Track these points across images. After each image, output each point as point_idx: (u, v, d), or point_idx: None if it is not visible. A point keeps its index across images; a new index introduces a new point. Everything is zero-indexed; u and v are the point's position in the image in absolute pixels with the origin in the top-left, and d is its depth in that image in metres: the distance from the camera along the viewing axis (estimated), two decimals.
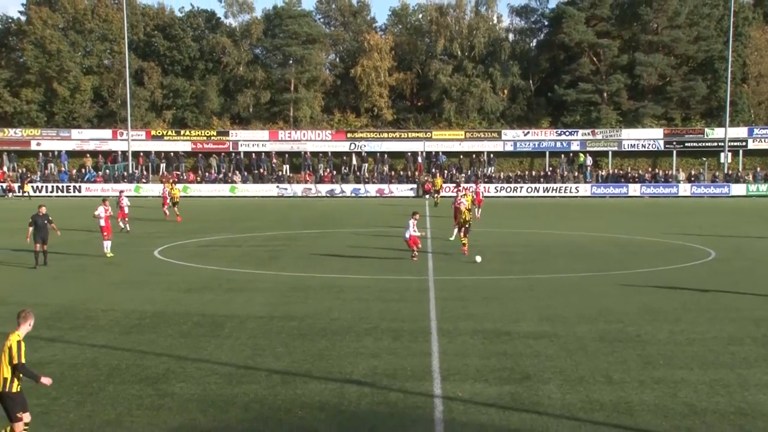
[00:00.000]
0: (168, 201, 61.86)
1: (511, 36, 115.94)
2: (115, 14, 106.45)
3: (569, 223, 59.14)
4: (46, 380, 13.73)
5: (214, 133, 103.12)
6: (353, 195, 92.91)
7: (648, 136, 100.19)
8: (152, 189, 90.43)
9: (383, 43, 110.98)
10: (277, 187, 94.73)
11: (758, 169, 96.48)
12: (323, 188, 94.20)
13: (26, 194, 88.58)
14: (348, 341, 22.42)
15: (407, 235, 36.05)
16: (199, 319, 25.44)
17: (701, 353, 21.36)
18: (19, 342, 13.25)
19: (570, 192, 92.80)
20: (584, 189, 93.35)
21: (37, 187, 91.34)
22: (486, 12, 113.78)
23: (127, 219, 52.45)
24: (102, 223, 39.42)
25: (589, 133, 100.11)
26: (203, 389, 18.27)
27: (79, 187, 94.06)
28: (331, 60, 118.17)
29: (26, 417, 13.38)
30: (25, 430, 13.27)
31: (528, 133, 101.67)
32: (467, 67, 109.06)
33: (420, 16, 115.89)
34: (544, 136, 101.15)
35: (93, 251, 42.10)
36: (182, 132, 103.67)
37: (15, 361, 13.04)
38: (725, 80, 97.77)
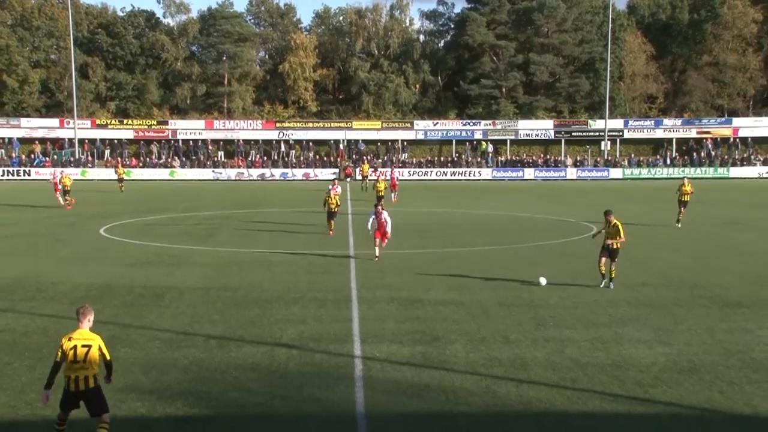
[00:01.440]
0: (60, 188, 55.74)
1: (421, 37, 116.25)
2: (60, 12, 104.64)
3: (474, 203, 59.61)
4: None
5: (155, 123, 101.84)
6: (282, 178, 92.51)
7: (540, 127, 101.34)
8: (97, 173, 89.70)
9: (308, 42, 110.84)
10: (213, 171, 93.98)
11: (632, 155, 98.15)
12: (255, 172, 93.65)
13: None
14: (278, 309, 22.41)
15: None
16: (142, 290, 25.19)
17: (584, 315, 21.76)
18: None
19: (474, 176, 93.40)
20: (486, 173, 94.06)
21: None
22: (399, 15, 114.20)
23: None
24: None
25: (490, 124, 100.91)
26: (146, 353, 18.14)
27: (29, 171, 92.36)
28: (261, 57, 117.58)
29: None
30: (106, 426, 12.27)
31: (437, 123, 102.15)
32: (383, 65, 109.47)
33: (341, 18, 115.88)
34: (451, 126, 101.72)
35: (42, 230, 41.41)
36: (125, 121, 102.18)
37: (109, 358, 12.36)
38: (605, 78, 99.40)
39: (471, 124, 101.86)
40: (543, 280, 25.14)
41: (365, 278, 27.35)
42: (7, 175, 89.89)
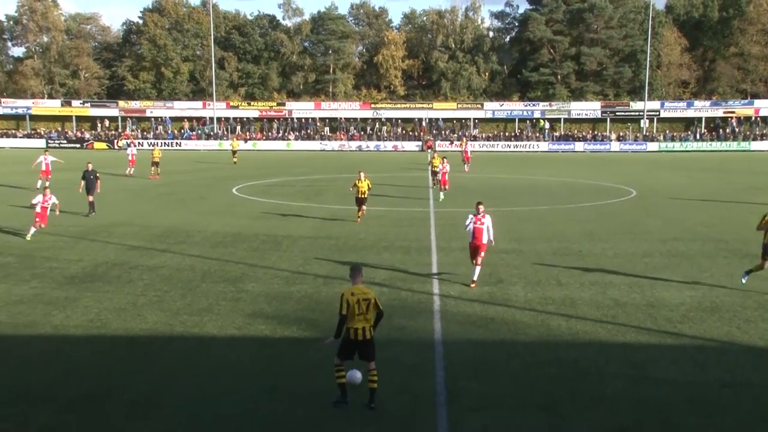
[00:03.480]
0: (151, 161, 50.00)
1: (491, 33, 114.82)
2: (204, 17, 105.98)
3: (532, 171, 58.99)
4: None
5: (275, 104, 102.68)
6: (375, 149, 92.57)
7: (589, 107, 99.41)
8: (229, 145, 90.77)
9: (397, 38, 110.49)
10: (320, 143, 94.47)
11: (667, 131, 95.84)
12: (353, 144, 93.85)
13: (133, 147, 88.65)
14: (372, 255, 22.63)
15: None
16: (265, 238, 25.69)
17: (623, 263, 21.50)
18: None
19: (533, 148, 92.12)
20: (543, 146, 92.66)
21: (151, 143, 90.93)
22: (473, 15, 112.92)
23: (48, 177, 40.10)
24: (38, 209, 25.50)
25: (547, 105, 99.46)
26: (268, 287, 18.53)
27: (180, 143, 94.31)
28: (359, 50, 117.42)
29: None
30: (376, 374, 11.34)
31: (503, 104, 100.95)
32: (459, 56, 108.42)
33: (425, 18, 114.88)
34: (514, 107, 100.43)
35: (189, 189, 42.33)
36: (252, 103, 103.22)
37: (381, 309, 11.48)
38: (645, 67, 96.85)
39: (531, 105, 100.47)
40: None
41: (442, 231, 27.42)
42: (163, 146, 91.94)
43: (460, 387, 12.03)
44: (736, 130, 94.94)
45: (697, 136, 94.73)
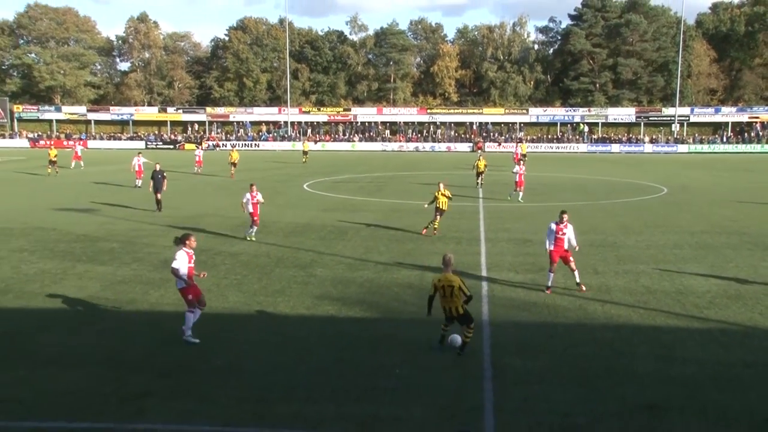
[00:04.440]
0: (229, 162, 49.41)
1: (536, 46, 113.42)
2: (281, 33, 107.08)
3: (572, 169, 58.12)
4: None
5: (342, 110, 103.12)
6: (431, 150, 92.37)
7: (625, 113, 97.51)
8: (300, 146, 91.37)
9: (452, 50, 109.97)
10: (382, 144, 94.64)
11: (696, 134, 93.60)
12: (411, 146, 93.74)
13: (219, 148, 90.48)
14: (426, 244, 22.56)
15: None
16: (332, 228, 25.82)
17: (655, 254, 21.05)
18: (462, 280, 12.28)
19: (573, 149, 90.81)
20: (582, 147, 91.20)
21: (233, 144, 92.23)
22: (519, 30, 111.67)
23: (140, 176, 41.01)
24: (250, 209, 23.59)
25: (586, 111, 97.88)
26: (334, 273, 18.62)
27: (258, 144, 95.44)
28: (417, 62, 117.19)
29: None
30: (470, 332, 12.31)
31: (546, 110, 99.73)
32: (506, 66, 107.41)
33: (476, 32, 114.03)
34: (557, 112, 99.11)
35: (266, 184, 42.79)
36: (321, 109, 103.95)
37: (467, 294, 12.19)
38: (676, 76, 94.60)
39: (572, 110, 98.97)
40: None
41: (490, 223, 27.22)
42: (243, 147, 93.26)
43: (504, 364, 11.93)
44: (761, 134, 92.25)
45: (724, 139, 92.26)
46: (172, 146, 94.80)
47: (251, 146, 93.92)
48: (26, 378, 11.35)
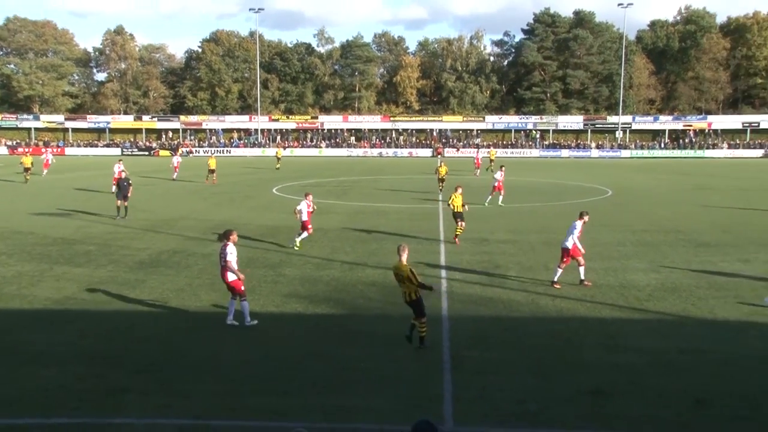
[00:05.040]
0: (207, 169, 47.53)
1: (491, 58, 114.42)
2: (251, 45, 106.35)
3: (525, 173, 58.59)
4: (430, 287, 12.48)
5: (310, 118, 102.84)
6: (393, 155, 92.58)
7: (574, 121, 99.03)
8: (272, 152, 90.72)
9: (413, 62, 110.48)
10: (347, 150, 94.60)
11: (637, 141, 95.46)
12: (375, 151, 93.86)
13: (192, 155, 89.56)
14: (390, 244, 22.48)
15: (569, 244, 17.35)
16: (299, 230, 25.63)
17: (601, 251, 21.32)
18: (410, 269, 12.09)
19: (526, 155, 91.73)
20: (535, 152, 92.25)
21: (211, 151, 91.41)
22: (476, 43, 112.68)
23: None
24: (304, 217, 22.25)
25: (538, 118, 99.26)
26: (302, 272, 18.50)
27: (230, 150, 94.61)
28: (381, 72, 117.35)
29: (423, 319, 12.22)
30: (423, 326, 12.20)
31: (501, 118, 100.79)
32: (464, 77, 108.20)
33: (436, 45, 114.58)
34: (511, 120, 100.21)
35: (237, 189, 42.39)
36: (290, 117, 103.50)
37: (416, 282, 12.01)
38: (619, 87, 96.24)
39: (525, 118, 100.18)
40: None
41: (449, 224, 27.24)
42: (215, 153, 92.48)
43: (462, 356, 11.96)
44: (693, 140, 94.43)
45: (662, 145, 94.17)
46: (147, 153, 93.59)
47: (223, 153, 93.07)
48: (6, 376, 11.07)
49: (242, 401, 10.12)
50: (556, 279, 16.87)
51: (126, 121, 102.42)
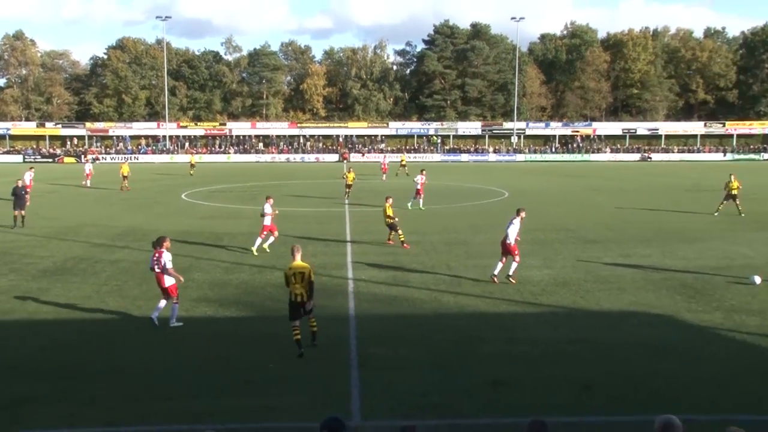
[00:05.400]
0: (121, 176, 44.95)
1: (394, 67, 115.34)
2: (159, 53, 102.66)
3: (428, 177, 59.16)
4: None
5: (218, 124, 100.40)
6: (300, 161, 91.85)
7: (472, 127, 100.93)
8: (180, 158, 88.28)
9: (319, 70, 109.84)
10: (255, 156, 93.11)
11: (531, 146, 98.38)
12: (282, 157, 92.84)
13: (99, 161, 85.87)
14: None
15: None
16: (209, 235, 25.08)
17: (498, 250, 21.74)
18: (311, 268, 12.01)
19: (428, 159, 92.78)
20: (436, 157, 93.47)
21: (112, 157, 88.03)
22: (380, 52, 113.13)
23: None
24: (267, 221, 21.82)
25: (439, 124, 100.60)
26: (211, 276, 18.10)
27: (137, 157, 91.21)
28: (288, 80, 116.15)
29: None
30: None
31: (404, 124, 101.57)
32: (369, 85, 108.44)
33: (341, 54, 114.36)
34: (413, 126, 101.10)
35: (145, 195, 40.98)
36: (198, 124, 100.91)
37: (312, 280, 11.98)
38: (514, 95, 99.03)
39: (426, 124, 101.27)
40: (757, 279, 16.91)
41: (355, 227, 27.34)
42: (123, 159, 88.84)
43: (369, 353, 12.00)
44: (580, 145, 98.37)
45: (553, 150, 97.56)
46: (51, 160, 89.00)
47: (131, 159, 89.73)
48: None
49: (152, 406, 9.78)
50: (495, 273, 17.25)
51: (28, 127, 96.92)
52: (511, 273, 17.24)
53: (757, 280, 16.88)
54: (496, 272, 17.24)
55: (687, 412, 8.84)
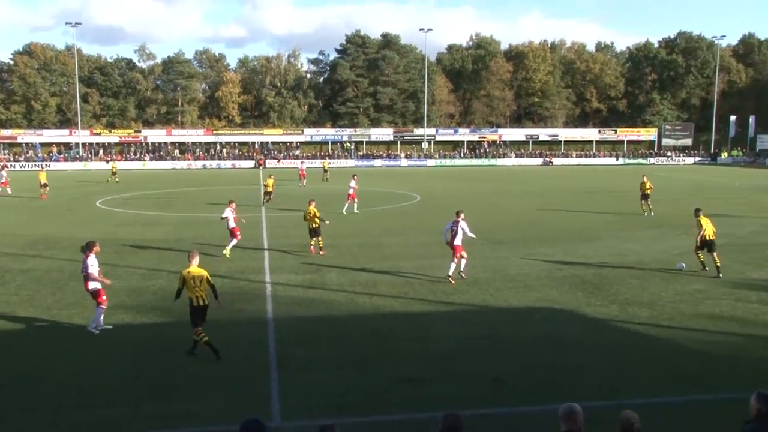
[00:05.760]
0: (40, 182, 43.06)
1: (308, 75, 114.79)
2: (70, 60, 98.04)
3: (342, 182, 59.27)
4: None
5: (133, 131, 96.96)
6: (217, 167, 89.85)
7: (384, 133, 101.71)
8: (94, 165, 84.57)
9: (234, 78, 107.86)
10: (171, 163, 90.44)
11: (441, 151, 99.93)
12: (199, 164, 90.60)
13: (8, 168, 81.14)
14: (215, 251, 21.86)
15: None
16: (124, 241, 24.18)
17: (412, 252, 22.11)
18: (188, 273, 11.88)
19: (342, 165, 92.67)
20: (350, 162, 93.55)
21: (21, 165, 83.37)
22: (294, 61, 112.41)
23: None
24: (231, 224, 22.08)
25: (353, 131, 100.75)
26: (128, 283, 17.47)
27: (49, 164, 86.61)
28: (203, 88, 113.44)
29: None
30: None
31: (319, 130, 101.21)
32: (283, 93, 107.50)
33: (256, 62, 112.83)
34: (328, 132, 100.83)
35: (58, 203, 39.08)
36: (112, 131, 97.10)
37: (212, 283, 12.03)
38: (424, 103, 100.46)
39: (340, 131, 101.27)
40: (683, 265, 18.66)
41: (272, 232, 27.03)
42: (34, 167, 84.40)
43: (288, 355, 11.88)
44: (487, 150, 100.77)
45: (461, 155, 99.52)
46: None
47: (42, 167, 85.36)
48: None
49: (66, 416, 9.33)
50: (450, 273, 17.58)
51: None
52: (450, 273, 17.67)
53: (683, 266, 18.61)
54: (450, 273, 17.63)
55: (588, 399, 9.22)
